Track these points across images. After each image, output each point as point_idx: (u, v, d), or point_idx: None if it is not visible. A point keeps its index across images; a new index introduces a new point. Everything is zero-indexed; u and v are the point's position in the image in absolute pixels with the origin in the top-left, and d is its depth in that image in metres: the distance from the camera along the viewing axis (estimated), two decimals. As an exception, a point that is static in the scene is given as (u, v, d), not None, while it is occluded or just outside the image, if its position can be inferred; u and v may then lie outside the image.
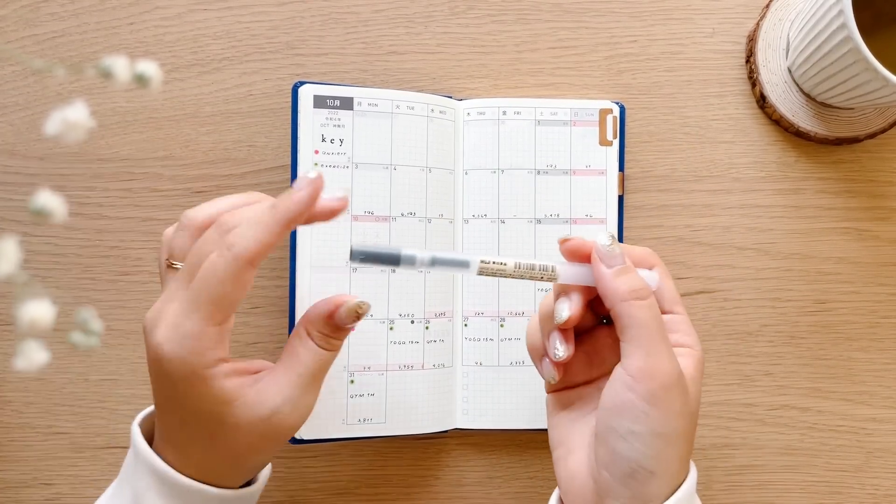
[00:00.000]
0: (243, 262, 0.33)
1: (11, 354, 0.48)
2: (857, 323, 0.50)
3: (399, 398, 0.46)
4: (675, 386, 0.33)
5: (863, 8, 0.41)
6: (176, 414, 0.36)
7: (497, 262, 0.35)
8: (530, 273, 0.36)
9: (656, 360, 0.33)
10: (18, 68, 0.48)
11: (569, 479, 0.37)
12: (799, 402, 0.50)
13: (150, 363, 0.35)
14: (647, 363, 0.33)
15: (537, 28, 0.50)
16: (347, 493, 0.49)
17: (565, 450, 0.37)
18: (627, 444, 0.33)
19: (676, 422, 0.33)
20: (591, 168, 0.48)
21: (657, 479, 0.33)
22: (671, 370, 0.33)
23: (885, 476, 0.49)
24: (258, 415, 0.35)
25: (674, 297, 0.38)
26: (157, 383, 0.36)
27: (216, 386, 0.34)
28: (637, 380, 0.33)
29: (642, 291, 0.34)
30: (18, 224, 0.48)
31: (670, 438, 0.33)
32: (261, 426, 0.35)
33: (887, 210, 0.50)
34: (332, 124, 0.46)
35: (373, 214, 0.46)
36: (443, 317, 0.47)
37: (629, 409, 0.33)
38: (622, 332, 0.34)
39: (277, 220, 0.33)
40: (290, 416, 0.36)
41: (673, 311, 0.37)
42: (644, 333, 0.34)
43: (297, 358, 0.37)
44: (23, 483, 0.48)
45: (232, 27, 0.49)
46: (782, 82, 0.49)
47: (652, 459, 0.33)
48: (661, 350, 0.34)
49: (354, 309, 0.37)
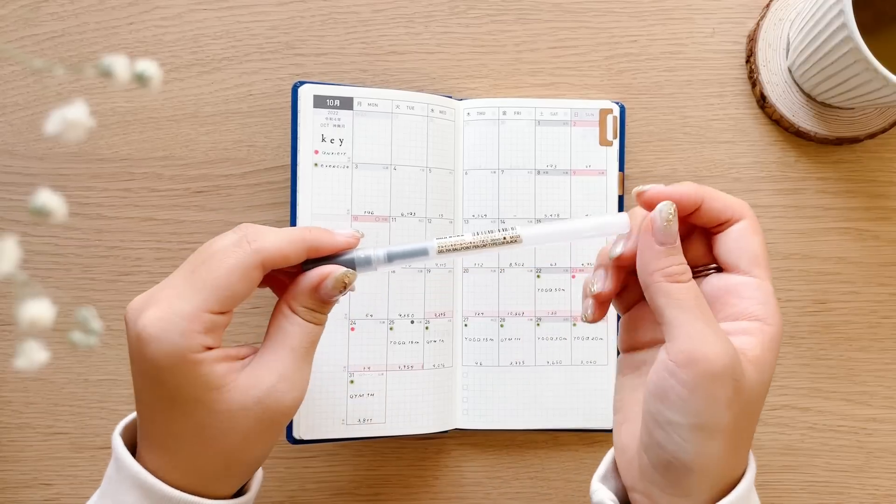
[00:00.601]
0: (258, 258, 0.33)
1: (11, 354, 0.48)
2: (857, 323, 0.50)
3: (399, 398, 0.46)
4: (722, 374, 0.30)
5: (863, 8, 0.41)
6: (161, 407, 0.33)
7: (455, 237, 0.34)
8: (491, 239, 0.34)
9: (700, 345, 0.30)
10: (18, 68, 0.48)
11: (621, 450, 0.35)
12: (799, 402, 0.49)
13: (133, 351, 0.33)
14: (690, 347, 0.30)
15: (537, 28, 0.50)
16: (347, 493, 0.49)
17: (622, 416, 0.35)
18: (665, 434, 0.31)
19: (722, 414, 0.30)
20: (591, 168, 0.48)
21: (695, 476, 0.31)
22: (718, 355, 0.30)
23: (886, 476, 0.49)
24: (253, 397, 0.33)
25: (754, 257, 0.33)
26: (140, 374, 0.33)
27: (204, 371, 0.32)
28: (679, 365, 0.30)
29: (684, 275, 0.32)
30: (18, 224, 0.48)
31: (713, 432, 0.30)
32: (256, 409, 0.33)
33: (887, 210, 0.50)
34: (332, 124, 0.46)
35: (373, 214, 0.46)
36: (443, 317, 0.47)
37: (669, 395, 0.30)
38: (660, 312, 0.31)
39: (305, 238, 0.34)
40: (287, 393, 0.34)
41: (749, 273, 0.33)
42: (685, 315, 0.31)
43: (285, 334, 0.35)
44: (23, 483, 0.48)
45: (232, 27, 0.49)
46: (782, 82, 0.49)
47: (690, 454, 0.30)
48: (705, 333, 0.30)
49: (341, 279, 0.35)
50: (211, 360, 0.33)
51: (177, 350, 0.32)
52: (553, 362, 0.48)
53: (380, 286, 0.46)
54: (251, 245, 0.33)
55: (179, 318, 0.32)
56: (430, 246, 0.34)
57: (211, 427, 0.33)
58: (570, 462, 0.49)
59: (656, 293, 0.32)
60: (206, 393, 0.32)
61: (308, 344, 0.35)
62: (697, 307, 0.31)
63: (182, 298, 0.32)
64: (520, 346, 0.48)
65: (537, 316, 0.48)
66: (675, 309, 0.31)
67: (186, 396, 0.33)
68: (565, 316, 0.48)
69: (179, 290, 0.33)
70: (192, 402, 0.33)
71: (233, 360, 0.34)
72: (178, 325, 0.32)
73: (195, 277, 0.33)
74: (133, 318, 0.33)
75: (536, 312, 0.48)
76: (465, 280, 0.48)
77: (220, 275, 0.32)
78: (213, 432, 0.33)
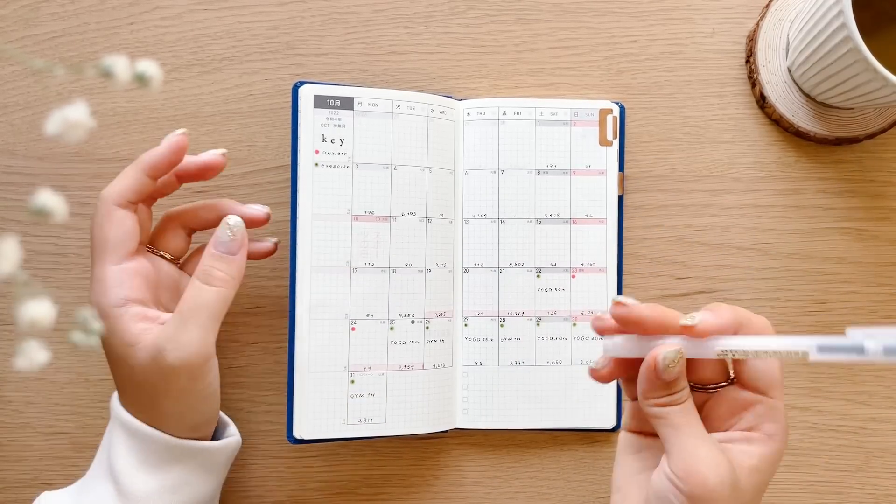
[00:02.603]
0: (108, 202, 0.39)
1: (11, 354, 0.48)
2: (856, 323, 0.50)
3: (399, 398, 0.46)
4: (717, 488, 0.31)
5: (863, 8, 0.41)
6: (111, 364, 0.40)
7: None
8: None
9: (693, 462, 0.31)
10: (18, 68, 0.48)
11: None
12: (799, 402, 0.50)
13: None
14: (684, 464, 0.32)
15: (537, 28, 0.50)
16: (347, 493, 0.49)
17: (622, 496, 0.36)
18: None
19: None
20: (591, 168, 0.48)
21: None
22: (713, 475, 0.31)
23: (886, 476, 0.49)
24: (148, 356, 0.38)
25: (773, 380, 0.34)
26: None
27: (121, 326, 0.38)
28: (677, 477, 0.32)
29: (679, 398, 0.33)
30: (18, 224, 0.48)
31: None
32: (151, 366, 0.38)
33: (887, 210, 0.50)
34: (332, 124, 0.46)
35: (373, 214, 0.46)
36: (443, 317, 0.47)
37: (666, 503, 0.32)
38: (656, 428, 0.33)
39: (137, 167, 0.40)
40: (170, 353, 0.37)
41: (766, 394, 0.34)
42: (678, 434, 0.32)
43: (181, 298, 0.39)
44: (23, 483, 0.48)
45: (232, 27, 0.49)
46: (782, 82, 0.49)
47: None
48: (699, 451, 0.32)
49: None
50: (129, 317, 0.38)
51: (101, 306, 0.38)
52: (553, 362, 0.48)
53: (380, 286, 0.46)
54: (99, 198, 0.40)
55: (95, 281, 0.39)
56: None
57: (132, 379, 0.39)
58: (569, 462, 0.49)
59: (651, 414, 0.33)
60: (124, 348, 0.38)
61: (195, 306, 0.39)
62: (689, 425, 0.32)
63: (93, 268, 0.39)
64: (520, 345, 0.48)
65: (537, 316, 0.48)
66: (668, 428, 0.33)
67: (114, 352, 0.39)
68: (565, 316, 0.48)
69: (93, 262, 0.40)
70: (117, 357, 0.39)
71: (151, 322, 0.39)
72: (96, 288, 0.39)
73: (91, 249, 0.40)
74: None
75: (536, 312, 0.48)
76: (466, 280, 0.48)
77: (96, 234, 0.39)
78: (135, 384, 0.39)
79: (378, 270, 0.46)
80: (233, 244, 0.40)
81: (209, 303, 0.39)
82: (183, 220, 0.44)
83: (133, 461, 0.39)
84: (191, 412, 0.40)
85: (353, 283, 0.46)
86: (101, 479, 0.39)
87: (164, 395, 0.38)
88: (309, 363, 0.45)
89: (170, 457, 0.39)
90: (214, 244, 0.40)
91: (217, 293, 0.39)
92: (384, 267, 0.46)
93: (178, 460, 0.39)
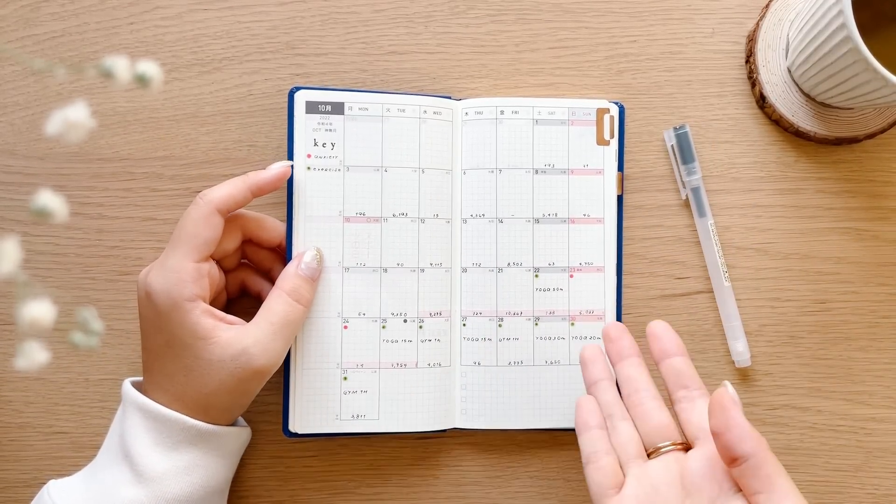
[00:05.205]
0: (212, 205, 0.41)
1: (11, 354, 0.48)
2: (856, 323, 0.50)
3: (392, 395, 0.46)
4: None
5: (863, 8, 0.41)
6: (161, 352, 0.41)
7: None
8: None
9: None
10: (18, 68, 0.48)
11: None
12: (799, 402, 0.50)
13: (143, 307, 0.42)
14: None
15: (537, 28, 0.50)
16: (347, 493, 0.49)
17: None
18: None
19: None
20: (588, 167, 0.48)
21: None
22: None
23: (885, 476, 0.49)
24: (229, 353, 0.40)
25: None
26: (145, 318, 0.42)
27: (193, 319, 0.40)
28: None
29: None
30: (18, 224, 0.48)
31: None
32: (230, 364, 0.40)
33: (887, 210, 0.50)
34: (323, 129, 0.46)
35: (364, 215, 0.46)
36: (439, 316, 0.47)
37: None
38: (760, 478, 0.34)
39: (244, 182, 0.43)
40: (258, 357, 0.41)
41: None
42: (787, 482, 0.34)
43: (269, 310, 0.42)
44: (23, 482, 0.48)
45: (232, 27, 0.49)
46: (782, 82, 0.49)
47: None
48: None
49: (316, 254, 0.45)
50: (200, 312, 0.40)
51: (172, 298, 0.40)
52: (552, 362, 0.48)
53: (371, 285, 0.46)
54: (203, 199, 0.42)
55: (170, 270, 0.40)
56: None
57: (194, 370, 0.40)
58: (569, 462, 0.49)
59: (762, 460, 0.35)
60: (194, 340, 0.40)
61: (286, 320, 0.42)
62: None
63: (169, 257, 0.41)
64: (518, 345, 0.48)
65: (536, 315, 0.48)
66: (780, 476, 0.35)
67: (179, 341, 0.40)
68: (563, 315, 0.48)
69: (167, 252, 0.41)
70: (182, 346, 0.40)
71: (219, 320, 0.41)
72: (171, 277, 0.40)
73: (174, 239, 0.41)
74: (141, 280, 0.42)
75: (535, 312, 0.48)
76: (464, 280, 0.48)
77: (189, 228, 0.41)
78: (195, 375, 0.40)
79: (370, 270, 0.46)
80: (316, 270, 0.45)
81: (298, 320, 0.43)
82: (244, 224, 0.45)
83: (148, 441, 0.40)
84: (237, 407, 0.43)
85: (345, 282, 0.46)
86: (114, 462, 0.40)
87: (226, 389, 0.41)
88: (303, 360, 0.46)
89: (186, 438, 0.41)
90: (300, 266, 0.44)
91: (304, 313, 0.44)
92: (375, 267, 0.46)
93: (192, 443, 0.41)
